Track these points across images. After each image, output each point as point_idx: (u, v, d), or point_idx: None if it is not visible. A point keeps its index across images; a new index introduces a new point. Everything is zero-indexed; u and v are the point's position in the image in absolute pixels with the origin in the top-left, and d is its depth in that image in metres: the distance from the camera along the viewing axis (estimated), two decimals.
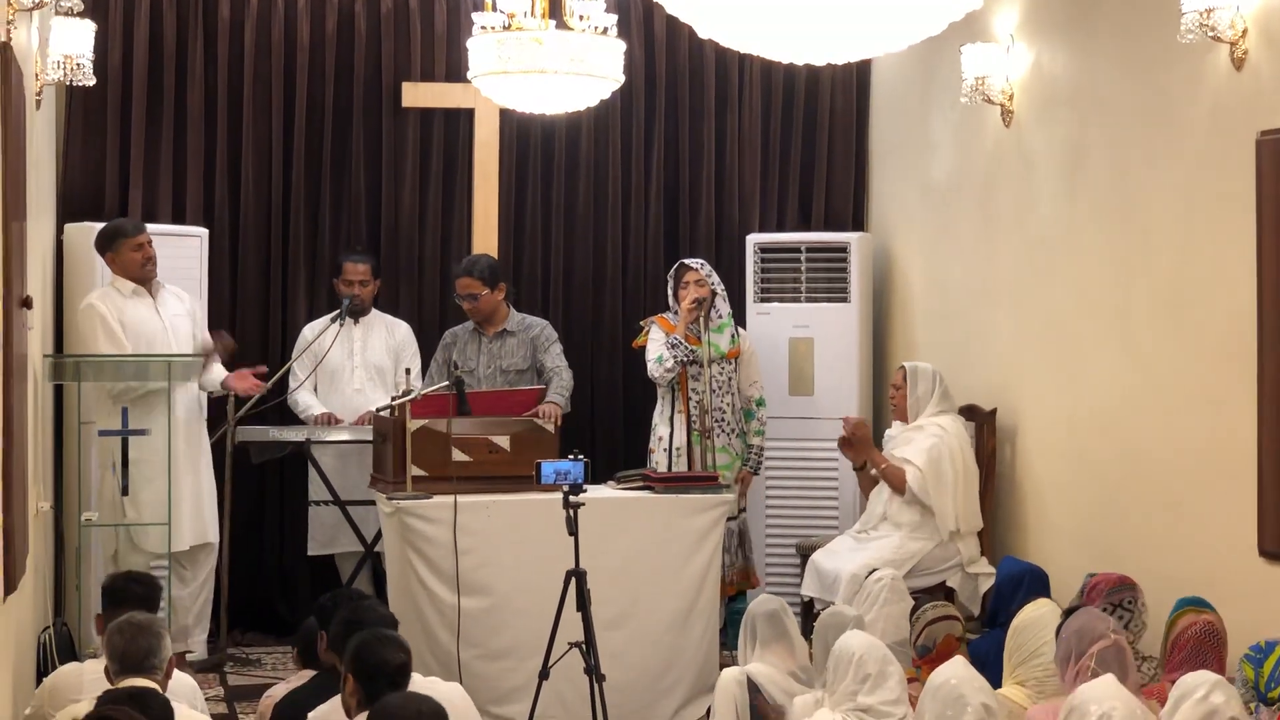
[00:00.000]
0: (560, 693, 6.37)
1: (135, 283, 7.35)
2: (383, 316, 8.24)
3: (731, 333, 7.88)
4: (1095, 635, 4.63)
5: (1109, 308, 6.47)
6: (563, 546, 6.02)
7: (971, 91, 7.29)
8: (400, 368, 7.93)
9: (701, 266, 7.85)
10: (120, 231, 7.40)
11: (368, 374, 8.02)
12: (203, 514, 7.45)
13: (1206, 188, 5.78)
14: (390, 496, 6.70)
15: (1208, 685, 4.08)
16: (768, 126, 8.99)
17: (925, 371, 7.37)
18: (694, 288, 7.76)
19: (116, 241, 7.35)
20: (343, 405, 7.99)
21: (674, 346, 7.69)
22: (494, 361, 7.82)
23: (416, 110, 8.59)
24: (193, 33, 8.31)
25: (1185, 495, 5.92)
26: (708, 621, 6.90)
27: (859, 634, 5.10)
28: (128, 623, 4.72)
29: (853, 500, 8.23)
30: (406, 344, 8.18)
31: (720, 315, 7.87)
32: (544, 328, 7.92)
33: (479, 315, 7.83)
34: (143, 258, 7.34)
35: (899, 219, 8.69)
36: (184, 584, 7.45)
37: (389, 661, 4.40)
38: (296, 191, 8.48)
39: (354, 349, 8.06)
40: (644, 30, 8.81)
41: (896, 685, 4.89)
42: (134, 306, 7.33)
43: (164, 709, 4.22)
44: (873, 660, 4.90)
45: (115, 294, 7.32)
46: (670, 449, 7.74)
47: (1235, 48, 5.47)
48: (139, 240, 7.36)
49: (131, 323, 7.29)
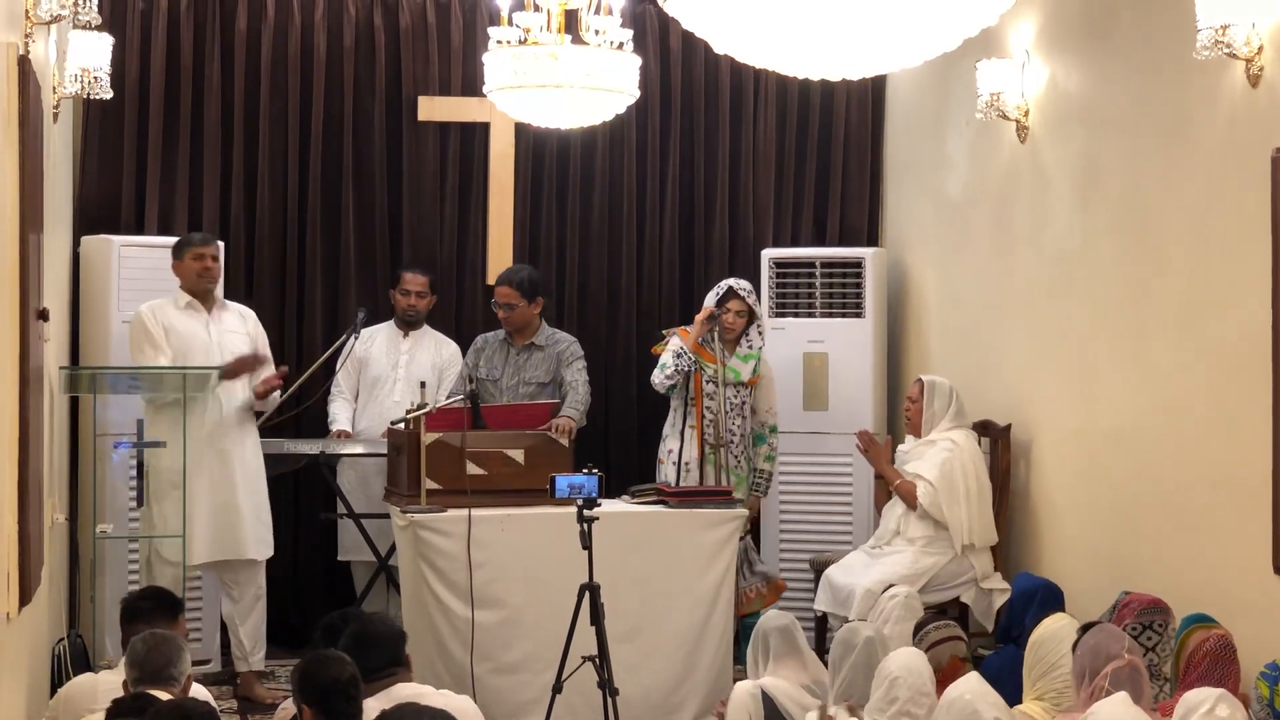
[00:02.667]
0: (573, 707, 6.38)
1: (191, 294, 7.40)
2: (432, 333, 8.28)
3: (755, 364, 7.87)
4: (1110, 655, 4.62)
5: (1124, 323, 6.47)
6: (576, 560, 6.03)
7: (987, 107, 7.29)
8: (442, 385, 7.95)
9: (749, 295, 7.84)
10: (188, 240, 7.54)
11: (409, 386, 8.01)
12: (241, 529, 7.38)
13: (1221, 204, 5.77)
14: (404, 510, 6.71)
15: (1213, 699, 4.08)
16: (783, 141, 9.00)
17: (943, 387, 7.37)
18: (734, 315, 7.77)
19: (183, 249, 7.47)
20: (380, 414, 8.00)
21: (679, 356, 7.69)
22: (518, 373, 7.83)
23: (433, 124, 8.62)
24: (210, 46, 8.35)
25: (1199, 511, 5.91)
26: (721, 636, 6.90)
27: (906, 655, 5.07)
28: (150, 634, 4.76)
29: (866, 515, 8.23)
30: (452, 363, 8.19)
31: (751, 345, 7.86)
32: (571, 344, 7.92)
33: (511, 325, 7.85)
34: (200, 268, 7.40)
35: (914, 234, 8.69)
36: (233, 601, 7.46)
37: (337, 678, 4.39)
38: (312, 204, 8.51)
39: (400, 360, 8.10)
40: (659, 45, 8.83)
41: (925, 717, 4.87)
42: (184, 319, 7.38)
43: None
44: (905, 687, 4.90)
45: (169, 305, 7.39)
46: (679, 463, 7.74)
47: (1251, 65, 5.46)
48: (201, 251, 7.44)
49: (178, 334, 7.32)
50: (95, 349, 7.70)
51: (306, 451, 7.75)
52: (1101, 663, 4.61)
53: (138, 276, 7.71)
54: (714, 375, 7.75)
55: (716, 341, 7.73)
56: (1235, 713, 4.03)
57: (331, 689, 4.37)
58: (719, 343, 7.73)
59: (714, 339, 7.74)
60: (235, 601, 7.45)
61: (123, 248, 7.78)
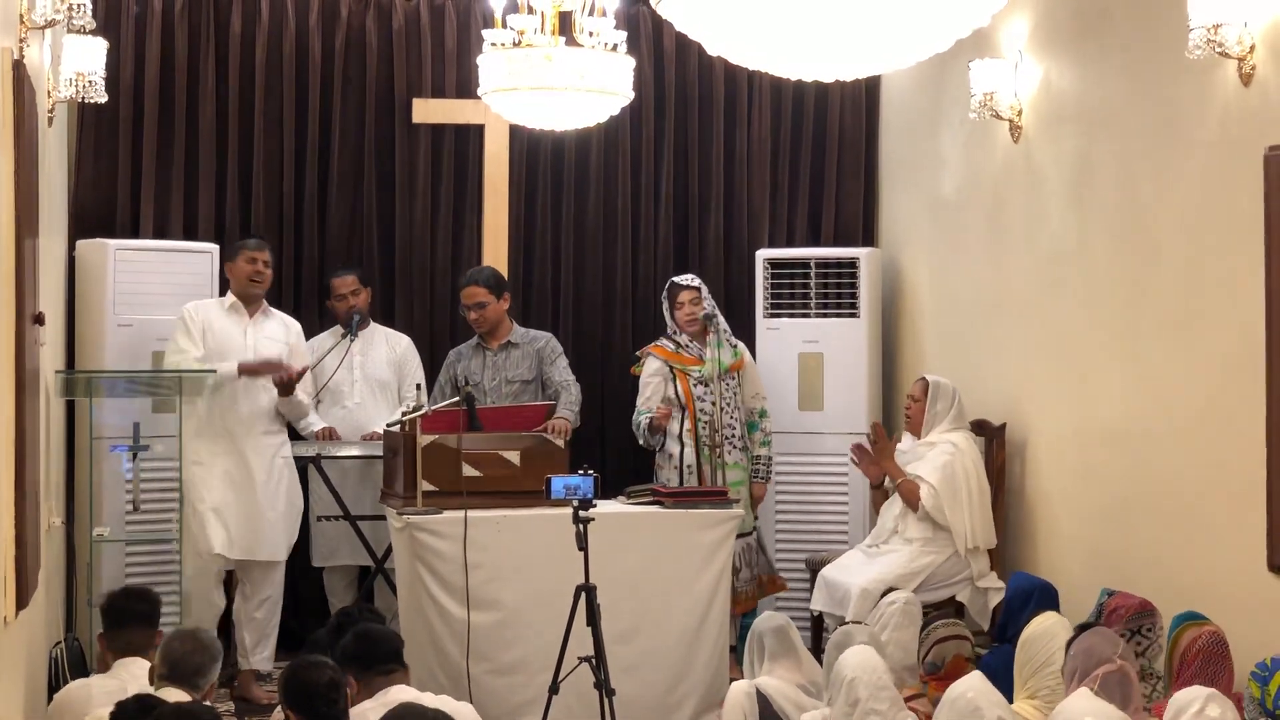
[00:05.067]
0: (570, 707, 6.38)
1: (238, 296, 7.48)
2: (382, 329, 8.24)
3: (731, 347, 7.92)
4: (1102, 658, 4.63)
5: (1118, 322, 6.48)
6: (572, 561, 6.03)
7: (980, 107, 7.31)
8: (404, 381, 7.97)
9: (692, 281, 7.89)
10: (243, 243, 7.63)
11: (368, 388, 8.01)
12: (258, 531, 7.39)
13: (1215, 203, 5.78)
14: (401, 511, 6.72)
15: (1203, 699, 4.09)
16: (777, 142, 9.01)
17: (946, 388, 7.37)
18: (689, 305, 7.81)
19: (237, 250, 7.57)
20: (343, 419, 7.98)
21: (639, 427, 7.87)
22: (499, 373, 7.83)
23: (427, 126, 8.62)
24: (204, 49, 8.35)
25: (1194, 510, 5.92)
26: (717, 636, 6.91)
27: (858, 654, 5.05)
28: (192, 636, 4.80)
29: (862, 515, 8.24)
30: (409, 357, 8.17)
31: (719, 331, 7.89)
32: (549, 340, 7.94)
33: (485, 325, 7.84)
34: (252, 271, 7.49)
35: (908, 234, 8.70)
36: (245, 599, 7.48)
37: (316, 682, 4.45)
38: (308, 207, 8.51)
39: (353, 364, 8.03)
40: (653, 47, 8.84)
41: (890, 709, 4.86)
42: (224, 319, 7.45)
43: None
44: (864, 685, 4.89)
45: (213, 304, 7.50)
46: (681, 466, 7.76)
47: (1243, 63, 5.48)
48: (254, 254, 7.52)
49: (215, 334, 7.40)
50: (91, 353, 7.70)
51: (302, 454, 7.75)
52: (1093, 665, 4.62)
53: (133, 280, 7.72)
54: (702, 375, 7.78)
55: (692, 344, 7.80)
56: (1226, 712, 4.04)
57: (313, 693, 4.43)
58: (696, 343, 7.79)
59: (688, 341, 7.81)
60: (247, 599, 7.47)
61: (118, 251, 7.78)
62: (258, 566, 7.46)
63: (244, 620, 7.47)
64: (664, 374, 7.87)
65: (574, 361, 8.05)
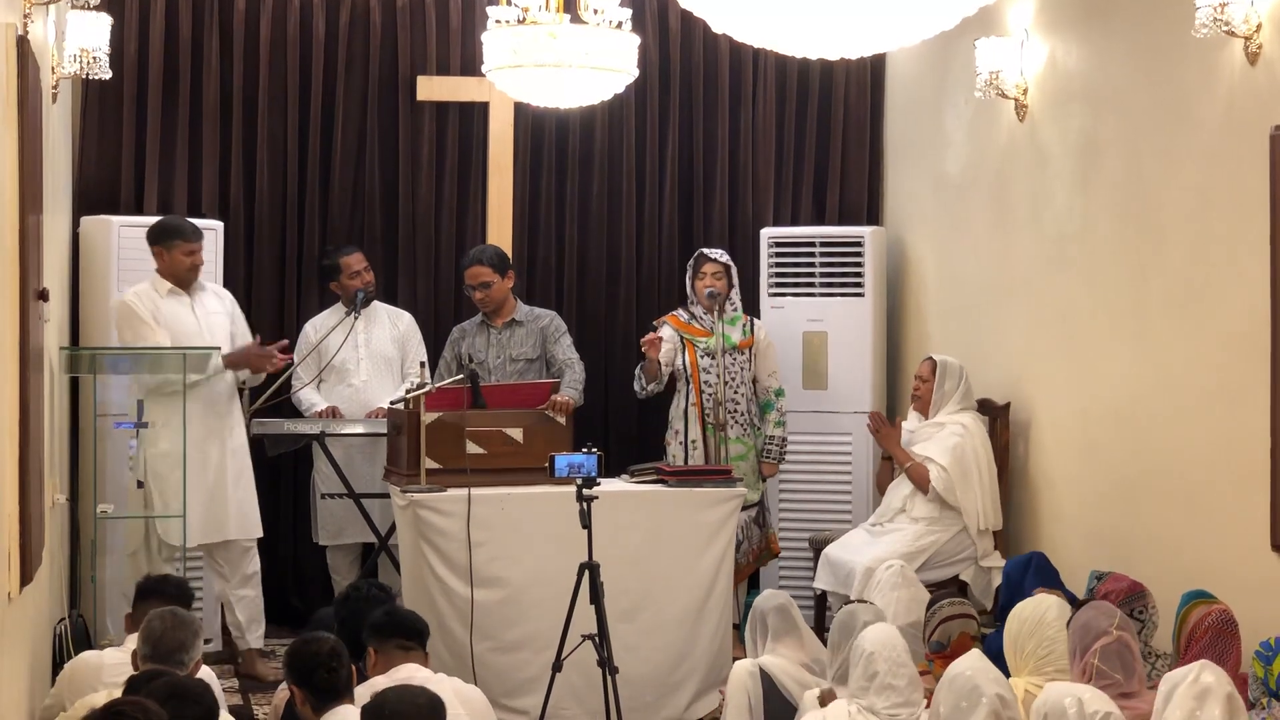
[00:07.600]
0: (573, 685, 6.40)
1: (174, 284, 7.38)
2: (384, 307, 8.22)
3: (744, 324, 7.91)
4: (1098, 631, 4.63)
5: (1123, 302, 6.47)
6: (576, 539, 6.04)
7: (985, 86, 7.28)
8: (407, 357, 7.97)
9: (720, 257, 7.89)
10: (179, 233, 7.42)
11: (373, 365, 8.01)
12: (226, 511, 7.39)
13: (1220, 182, 5.77)
14: (404, 489, 6.73)
15: (1196, 669, 4.08)
16: (782, 120, 8.99)
17: (954, 367, 7.37)
18: (710, 279, 7.80)
19: (173, 241, 7.38)
20: (350, 397, 7.97)
21: (637, 375, 7.83)
22: (503, 351, 7.83)
23: (431, 104, 8.61)
24: (208, 26, 8.34)
25: (1198, 490, 5.92)
26: (721, 614, 6.92)
27: (880, 630, 5.04)
28: (171, 613, 4.77)
29: (866, 493, 8.25)
30: (411, 334, 8.16)
31: (735, 307, 7.89)
32: (553, 318, 7.94)
33: (490, 304, 7.84)
34: (191, 264, 7.39)
35: (913, 213, 8.69)
36: (224, 580, 7.47)
37: (317, 653, 4.46)
38: (312, 184, 8.50)
39: (358, 341, 8.01)
40: (658, 24, 8.82)
41: (907, 688, 4.87)
42: (169, 304, 7.35)
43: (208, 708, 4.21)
44: (883, 660, 4.88)
45: (151, 291, 7.35)
46: (686, 442, 7.78)
47: (1249, 42, 5.46)
48: (193, 247, 7.40)
49: (166, 318, 7.31)
50: (95, 329, 7.70)
51: (306, 431, 7.75)
52: (1091, 639, 4.62)
53: (137, 257, 7.69)
54: (708, 348, 7.77)
55: (706, 316, 7.78)
56: (1220, 680, 4.04)
57: (313, 664, 4.44)
58: (710, 315, 7.77)
59: (702, 314, 7.79)
60: (226, 580, 7.45)
61: (122, 228, 7.77)
62: (231, 546, 7.44)
63: (232, 602, 7.47)
64: (675, 342, 7.87)
65: (578, 340, 8.06)
